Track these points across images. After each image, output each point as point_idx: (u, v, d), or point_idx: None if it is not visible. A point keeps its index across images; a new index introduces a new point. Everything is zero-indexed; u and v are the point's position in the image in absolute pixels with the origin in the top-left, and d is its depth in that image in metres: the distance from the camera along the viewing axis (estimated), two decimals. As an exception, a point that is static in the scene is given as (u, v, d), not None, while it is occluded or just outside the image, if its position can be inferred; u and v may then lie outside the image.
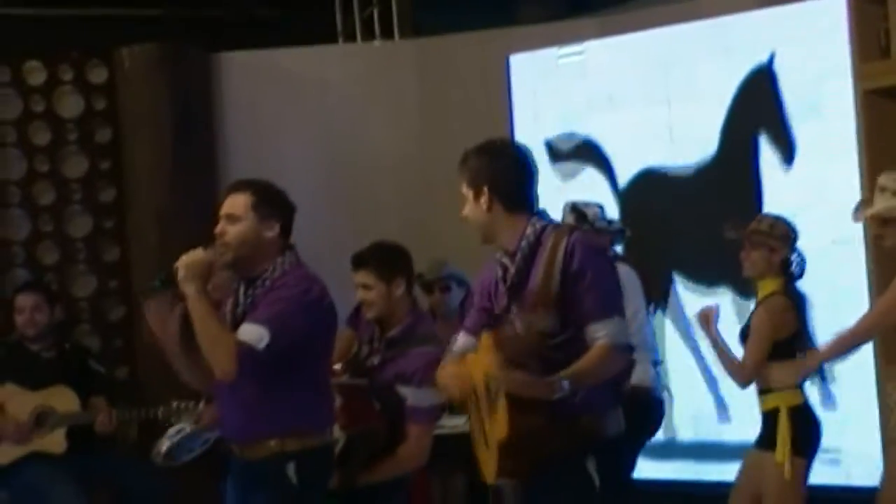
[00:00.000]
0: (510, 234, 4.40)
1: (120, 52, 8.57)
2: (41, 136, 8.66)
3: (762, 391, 5.88)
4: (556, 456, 4.29)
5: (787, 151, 7.15)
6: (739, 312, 6.87)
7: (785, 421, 5.77)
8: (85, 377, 7.33)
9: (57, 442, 7.12)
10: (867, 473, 6.50)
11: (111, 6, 9.07)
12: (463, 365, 4.47)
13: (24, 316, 7.33)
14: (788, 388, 5.83)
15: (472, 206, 4.43)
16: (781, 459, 5.76)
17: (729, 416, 7.27)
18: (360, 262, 5.62)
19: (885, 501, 5.64)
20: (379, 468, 5.45)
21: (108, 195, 8.70)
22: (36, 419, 7.12)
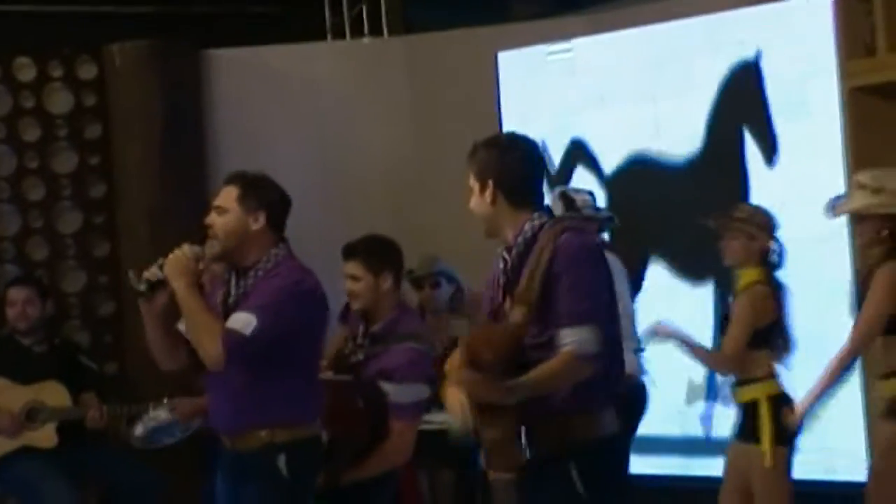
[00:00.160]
0: (513, 228, 4.38)
1: (110, 48, 8.56)
2: (31, 132, 8.64)
3: (739, 382, 5.92)
4: (542, 456, 4.28)
5: (769, 150, 7.17)
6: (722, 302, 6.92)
7: (766, 411, 5.81)
8: (76, 373, 7.34)
9: (48, 436, 7.13)
10: (852, 468, 6.55)
11: (101, 3, 9.06)
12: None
13: (15, 309, 7.34)
14: (766, 378, 5.90)
15: (477, 198, 4.40)
16: (766, 450, 5.80)
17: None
18: (350, 252, 5.64)
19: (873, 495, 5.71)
20: (363, 465, 5.45)
21: (97, 191, 8.70)
22: (27, 414, 7.13)
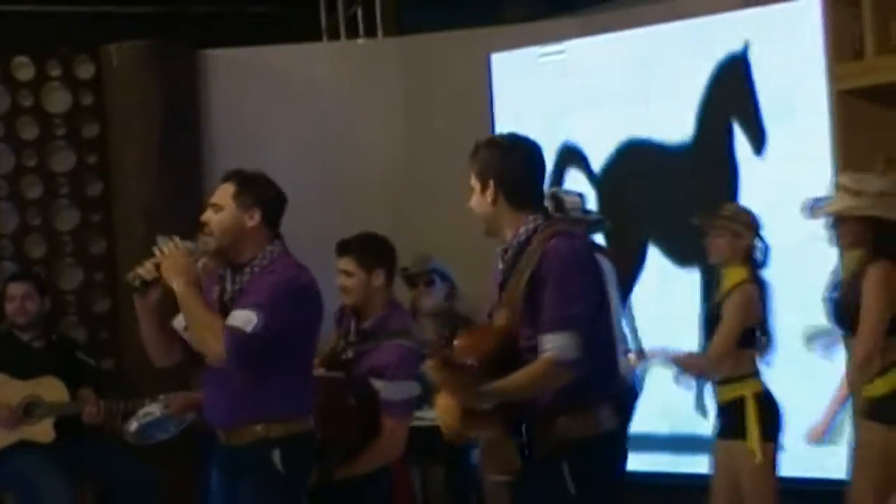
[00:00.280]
0: (512, 229, 4.39)
1: (108, 48, 8.59)
2: (29, 130, 8.67)
3: (723, 381, 5.98)
4: (538, 456, 4.31)
5: (758, 141, 7.21)
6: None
7: (752, 409, 5.89)
8: (73, 368, 7.38)
9: (45, 431, 7.16)
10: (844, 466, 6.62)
11: (100, 3, 9.11)
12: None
13: (14, 304, 7.39)
14: (750, 376, 5.98)
15: (478, 198, 4.41)
16: (753, 447, 5.87)
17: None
18: (343, 248, 5.70)
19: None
20: (356, 462, 5.49)
21: (95, 189, 8.73)
22: (25, 408, 7.17)
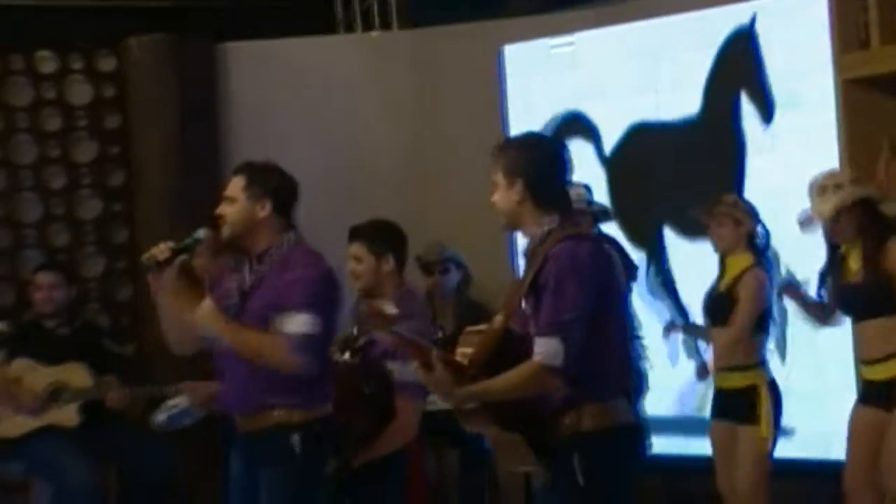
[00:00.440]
0: (533, 228, 4.41)
1: (128, 42, 8.67)
2: (52, 122, 8.75)
3: (733, 367, 6.08)
4: (554, 448, 4.35)
5: (765, 109, 7.24)
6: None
7: (765, 398, 6.01)
8: (97, 355, 7.44)
9: (70, 416, 7.23)
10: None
11: (120, -2, 9.22)
12: None
13: (42, 293, 7.47)
14: (761, 363, 6.11)
15: (503, 194, 4.41)
16: (766, 434, 6.00)
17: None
18: (354, 234, 5.79)
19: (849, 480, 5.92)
20: (373, 446, 5.53)
21: (117, 179, 8.81)
22: (51, 394, 7.24)
